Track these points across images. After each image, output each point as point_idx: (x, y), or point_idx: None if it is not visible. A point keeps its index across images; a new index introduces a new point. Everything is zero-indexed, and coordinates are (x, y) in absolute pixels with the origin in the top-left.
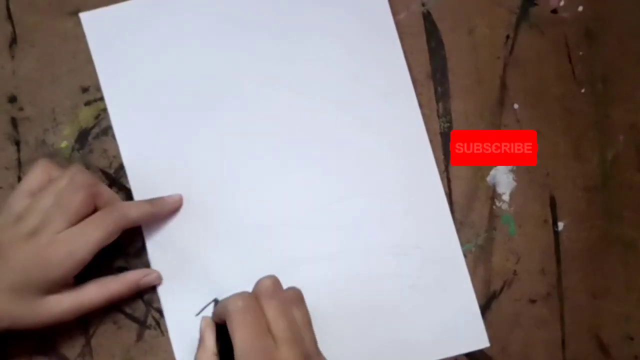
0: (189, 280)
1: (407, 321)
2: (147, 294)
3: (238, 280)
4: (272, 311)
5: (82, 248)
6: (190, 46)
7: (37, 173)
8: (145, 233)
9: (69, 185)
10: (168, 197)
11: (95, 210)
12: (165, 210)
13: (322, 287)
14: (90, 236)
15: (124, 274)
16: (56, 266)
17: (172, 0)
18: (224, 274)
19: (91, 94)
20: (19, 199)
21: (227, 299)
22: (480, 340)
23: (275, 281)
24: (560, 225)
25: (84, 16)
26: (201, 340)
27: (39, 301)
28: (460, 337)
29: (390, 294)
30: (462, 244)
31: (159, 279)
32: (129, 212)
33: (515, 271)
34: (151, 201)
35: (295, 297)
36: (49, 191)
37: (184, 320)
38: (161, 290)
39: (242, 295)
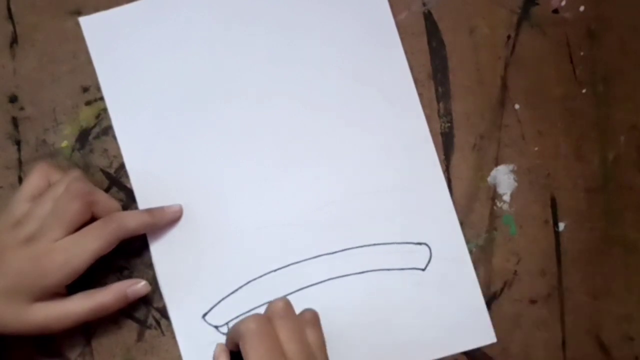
0: (194, 281)
1: (413, 318)
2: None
3: (242, 280)
4: (284, 333)
5: (79, 257)
6: (190, 48)
7: (36, 177)
8: (148, 234)
9: (64, 194)
10: (168, 207)
11: (93, 217)
12: (164, 221)
13: (327, 286)
14: (88, 246)
15: (110, 285)
16: (51, 274)
17: (172, 3)
18: (228, 274)
19: (92, 93)
20: (19, 203)
21: (239, 322)
22: (486, 336)
23: (286, 303)
24: (561, 225)
25: (83, 20)
26: None
27: (27, 308)
28: (466, 333)
29: (395, 292)
30: None
31: (146, 288)
32: (127, 223)
33: (515, 272)
34: (150, 211)
35: (310, 319)
36: (47, 197)
37: (190, 321)
38: (166, 291)
39: (255, 317)
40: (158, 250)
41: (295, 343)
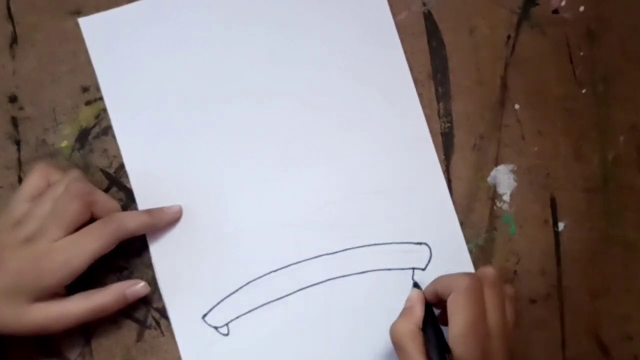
0: (193, 281)
1: None
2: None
3: (242, 280)
4: (491, 300)
5: (78, 257)
6: (190, 48)
7: (35, 177)
8: (147, 234)
9: (64, 194)
10: (167, 208)
11: (92, 218)
12: (164, 222)
13: (327, 286)
14: (87, 247)
15: (110, 285)
16: (51, 274)
17: (172, 3)
18: (228, 274)
19: (91, 93)
20: (18, 204)
21: (450, 276)
22: None
23: (497, 272)
24: (561, 225)
25: (82, 21)
26: (407, 310)
27: (26, 308)
28: None
29: (395, 292)
30: None
31: (145, 289)
32: (127, 224)
33: (515, 271)
34: (150, 212)
35: (511, 294)
36: (47, 197)
37: (190, 322)
38: (165, 292)
39: (470, 276)
40: (158, 250)
41: (499, 313)
